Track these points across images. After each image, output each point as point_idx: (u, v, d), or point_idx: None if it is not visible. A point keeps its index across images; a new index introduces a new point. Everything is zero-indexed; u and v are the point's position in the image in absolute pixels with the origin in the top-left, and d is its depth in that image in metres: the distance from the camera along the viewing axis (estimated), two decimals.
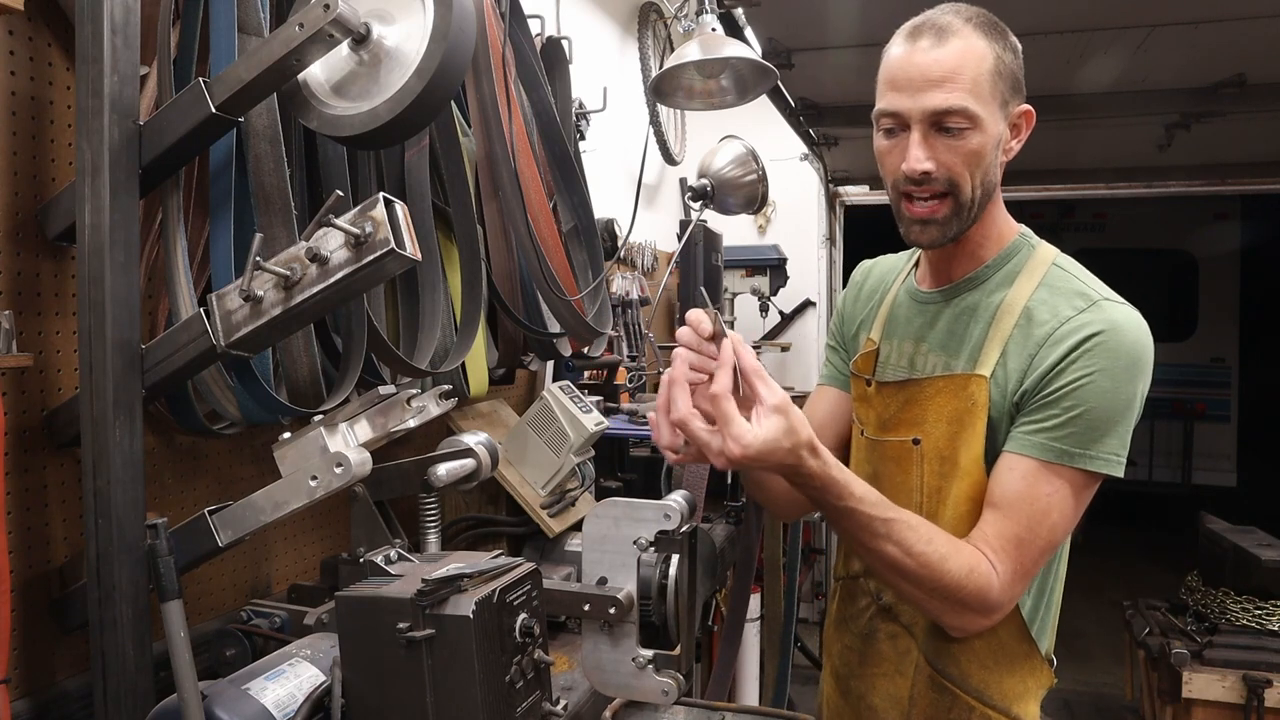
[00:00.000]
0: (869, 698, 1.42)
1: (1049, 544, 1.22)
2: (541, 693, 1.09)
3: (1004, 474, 1.24)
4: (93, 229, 1.08)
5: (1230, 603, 3.24)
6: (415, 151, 1.66)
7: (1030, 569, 1.22)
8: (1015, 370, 1.26)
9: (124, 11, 1.09)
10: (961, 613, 1.22)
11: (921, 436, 1.33)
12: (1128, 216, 8.07)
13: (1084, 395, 1.19)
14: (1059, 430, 1.20)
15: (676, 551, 1.21)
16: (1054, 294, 1.27)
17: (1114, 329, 1.21)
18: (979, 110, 1.20)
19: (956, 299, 1.35)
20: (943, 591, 1.19)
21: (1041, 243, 1.37)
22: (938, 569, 1.18)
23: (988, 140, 1.22)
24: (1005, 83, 1.23)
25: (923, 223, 1.26)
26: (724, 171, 3.37)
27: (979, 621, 1.24)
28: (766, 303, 4.57)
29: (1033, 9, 2.56)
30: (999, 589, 1.20)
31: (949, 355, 1.33)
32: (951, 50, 1.20)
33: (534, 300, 1.93)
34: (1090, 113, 3.63)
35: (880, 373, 1.42)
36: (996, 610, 1.23)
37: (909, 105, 1.22)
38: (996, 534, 1.22)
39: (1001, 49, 1.23)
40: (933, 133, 1.22)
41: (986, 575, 1.20)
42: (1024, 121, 1.29)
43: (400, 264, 1.09)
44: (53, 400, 1.25)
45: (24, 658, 1.22)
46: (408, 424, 1.39)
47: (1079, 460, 1.20)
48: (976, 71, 1.20)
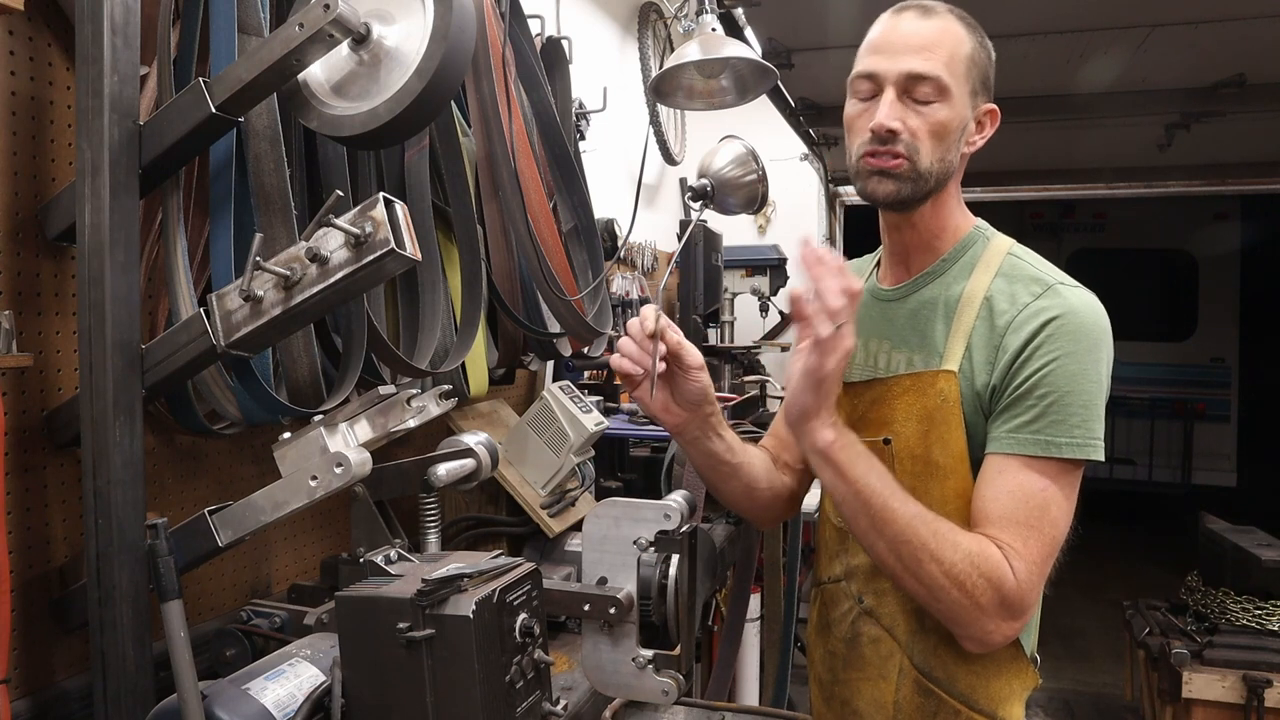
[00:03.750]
0: (853, 703, 1.41)
1: (1053, 539, 1.21)
2: (541, 693, 1.09)
3: (993, 477, 1.23)
4: (93, 229, 1.08)
5: (1230, 603, 3.24)
6: (415, 151, 1.66)
7: (1042, 566, 1.20)
8: (982, 363, 1.26)
9: (124, 11, 1.09)
10: (978, 612, 1.18)
11: (892, 436, 1.33)
12: (1128, 216, 8.08)
13: (1053, 381, 1.20)
14: (1037, 422, 1.20)
15: (676, 551, 1.21)
16: (1011, 282, 1.28)
17: (1071, 312, 1.22)
18: (951, 84, 1.24)
19: (915, 294, 1.37)
20: (953, 574, 1.17)
21: (997, 234, 1.38)
22: (948, 539, 1.17)
23: (954, 117, 1.26)
24: (977, 73, 1.28)
25: (881, 173, 1.28)
26: (724, 171, 3.36)
27: (999, 624, 1.19)
28: (766, 303, 4.57)
29: (1033, 9, 2.56)
30: (1015, 585, 1.17)
31: (912, 351, 1.34)
32: (934, 25, 1.26)
33: (534, 300, 1.93)
34: (1090, 113, 3.63)
35: (848, 373, 1.42)
36: (1015, 608, 1.18)
37: (886, 66, 1.26)
38: (1000, 533, 1.20)
39: (978, 43, 1.29)
40: (904, 99, 1.26)
41: (999, 564, 1.17)
42: (988, 120, 1.33)
43: (400, 264, 1.09)
44: (53, 400, 1.25)
45: (24, 658, 1.22)
46: (408, 424, 1.39)
47: (1065, 450, 1.20)
48: (954, 49, 1.25)
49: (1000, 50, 1.37)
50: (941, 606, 1.21)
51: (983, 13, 1.34)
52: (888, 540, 1.20)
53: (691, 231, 3.33)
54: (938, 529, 1.19)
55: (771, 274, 4.54)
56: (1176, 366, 8.11)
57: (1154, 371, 8.02)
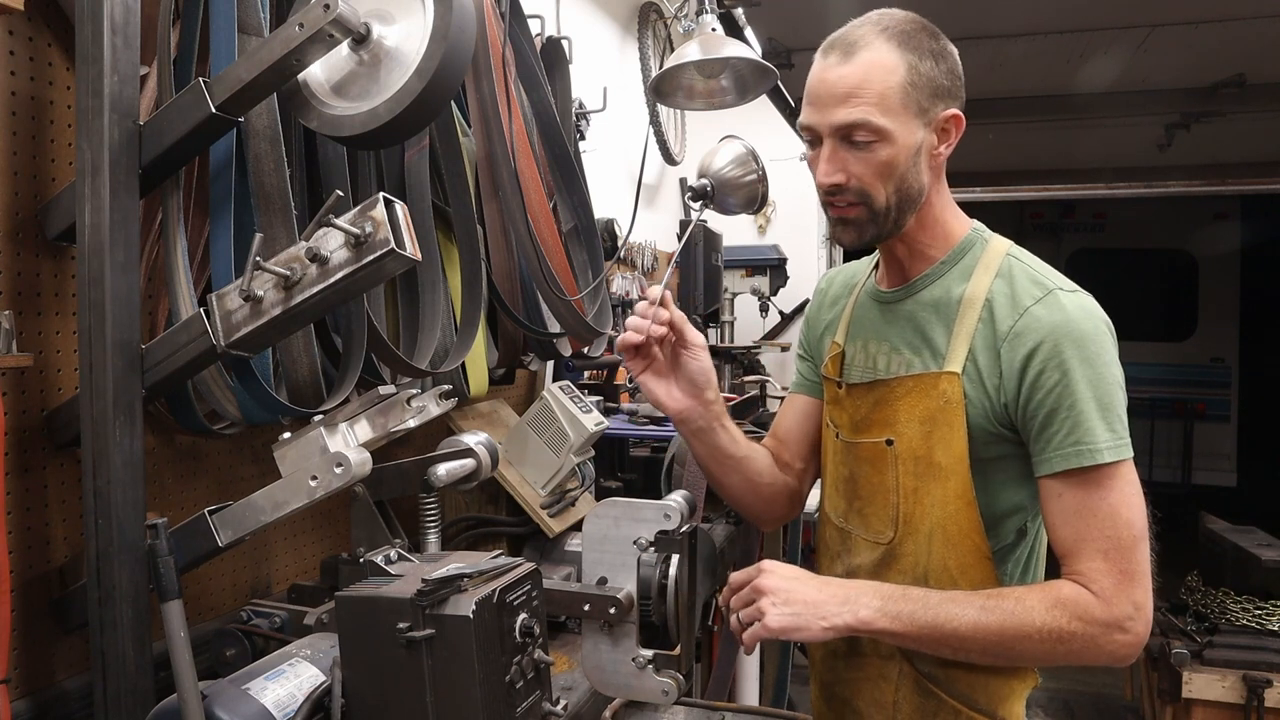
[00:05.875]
0: (854, 703, 1.41)
1: (1133, 539, 1.19)
2: (541, 693, 1.09)
3: (1053, 503, 1.23)
4: (93, 229, 1.08)
5: (1230, 603, 3.25)
6: (415, 151, 1.66)
7: (1133, 568, 1.19)
8: (987, 365, 1.26)
9: (124, 11, 1.09)
10: (1090, 644, 1.18)
11: (895, 437, 1.33)
12: (1128, 216, 8.08)
13: (1073, 391, 1.20)
14: (1071, 434, 1.20)
15: (676, 551, 1.21)
16: (1011, 284, 1.28)
17: (1070, 321, 1.22)
18: (885, 123, 1.22)
19: (914, 296, 1.37)
20: (1047, 636, 1.17)
21: (995, 236, 1.38)
22: (1022, 612, 1.18)
23: (899, 151, 1.24)
24: (920, 92, 1.24)
25: (843, 222, 1.32)
26: (724, 171, 3.36)
27: (1117, 644, 1.18)
28: (766, 303, 4.57)
29: (1033, 9, 2.56)
30: (1104, 601, 1.17)
31: (913, 353, 1.34)
32: (856, 66, 1.23)
33: (534, 300, 1.93)
34: (1090, 113, 3.64)
35: (848, 374, 1.43)
36: (1119, 618, 1.18)
37: (818, 120, 1.27)
38: (1080, 561, 1.20)
39: (917, 58, 1.24)
40: (843, 145, 1.26)
41: (1075, 596, 1.18)
42: (953, 126, 1.30)
43: (400, 264, 1.09)
44: (53, 400, 1.25)
45: (24, 658, 1.22)
46: (408, 424, 1.39)
47: (1107, 454, 1.19)
48: (884, 85, 1.22)
49: (1000, 50, 1.36)
50: (1061, 661, 1.22)
51: (983, 13, 1.34)
52: (979, 654, 1.22)
53: (691, 231, 3.32)
54: (1006, 611, 1.19)
55: (771, 274, 4.54)
56: (1176, 366, 8.11)
57: (1154, 371, 8.03)
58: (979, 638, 1.19)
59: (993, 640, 1.19)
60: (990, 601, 1.20)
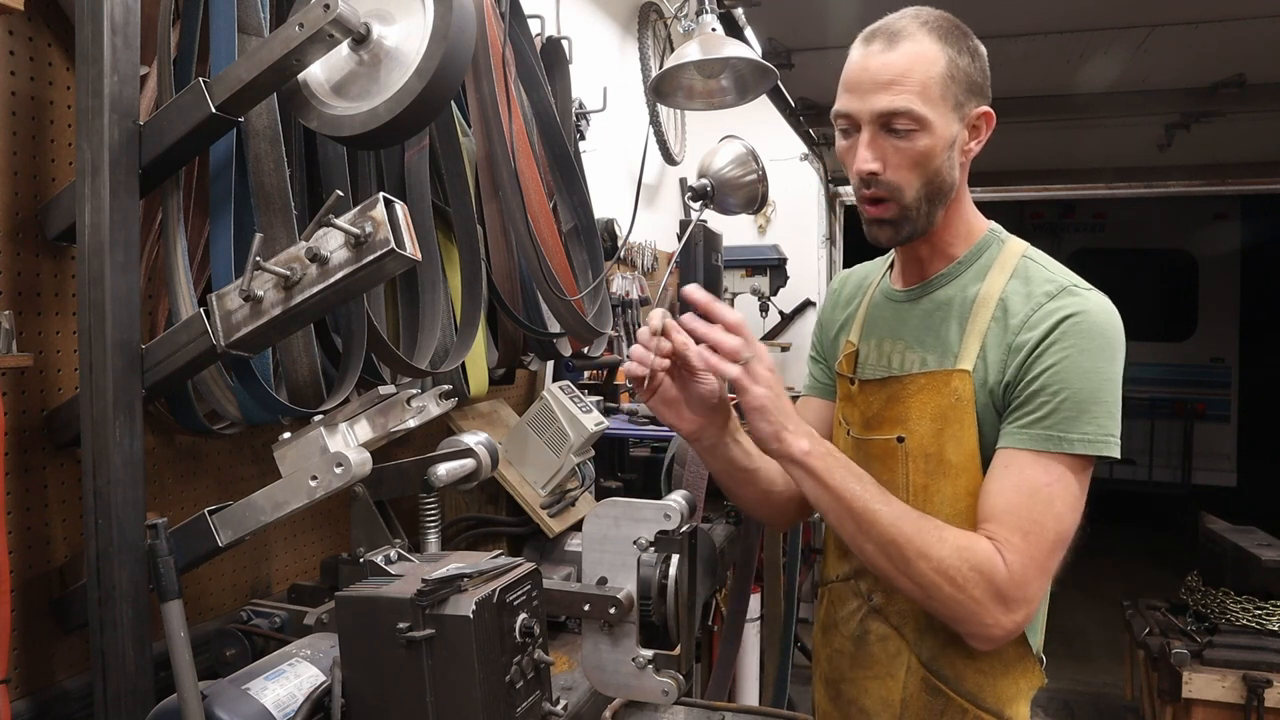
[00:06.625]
0: (860, 701, 1.41)
1: (1059, 535, 1.20)
2: (541, 693, 1.09)
3: (999, 471, 1.24)
4: (93, 229, 1.08)
5: (1230, 603, 3.24)
6: (415, 151, 1.66)
7: (1045, 562, 1.20)
8: (995, 362, 1.27)
9: (124, 11, 1.09)
10: (974, 605, 1.18)
11: (906, 434, 1.34)
12: (1128, 216, 8.08)
13: (1064, 378, 1.20)
14: (1048, 418, 1.21)
15: (676, 551, 1.21)
16: (1026, 284, 1.29)
17: (1085, 313, 1.23)
18: (926, 113, 1.23)
19: (931, 295, 1.37)
20: (942, 569, 1.17)
21: (1011, 237, 1.38)
22: (934, 534, 1.19)
23: (937, 142, 1.25)
24: (959, 86, 1.26)
25: (877, 222, 1.31)
26: (724, 171, 3.37)
27: (997, 618, 1.18)
28: (766, 303, 4.57)
29: (1033, 9, 2.56)
30: (1009, 575, 1.17)
31: (926, 351, 1.35)
32: (901, 54, 1.23)
33: (534, 300, 1.93)
34: (1090, 113, 3.63)
35: (861, 371, 1.44)
36: (1013, 600, 1.18)
37: (859, 107, 1.26)
38: (1000, 527, 1.21)
39: (956, 53, 1.25)
40: (882, 134, 1.25)
41: (989, 555, 1.18)
42: (984, 123, 1.31)
43: (400, 264, 1.09)
44: (53, 400, 1.25)
45: (24, 658, 1.22)
46: (408, 424, 1.39)
47: (1075, 445, 1.20)
48: (926, 75, 1.23)
49: (1000, 50, 1.37)
50: (936, 604, 1.21)
51: (983, 13, 1.35)
52: (875, 542, 1.21)
53: (691, 231, 3.33)
54: (922, 526, 1.20)
55: (771, 274, 4.55)
56: (1176, 366, 8.11)
57: (1154, 371, 8.03)
58: (887, 531, 1.20)
59: (896, 542, 1.19)
60: (914, 513, 1.22)
